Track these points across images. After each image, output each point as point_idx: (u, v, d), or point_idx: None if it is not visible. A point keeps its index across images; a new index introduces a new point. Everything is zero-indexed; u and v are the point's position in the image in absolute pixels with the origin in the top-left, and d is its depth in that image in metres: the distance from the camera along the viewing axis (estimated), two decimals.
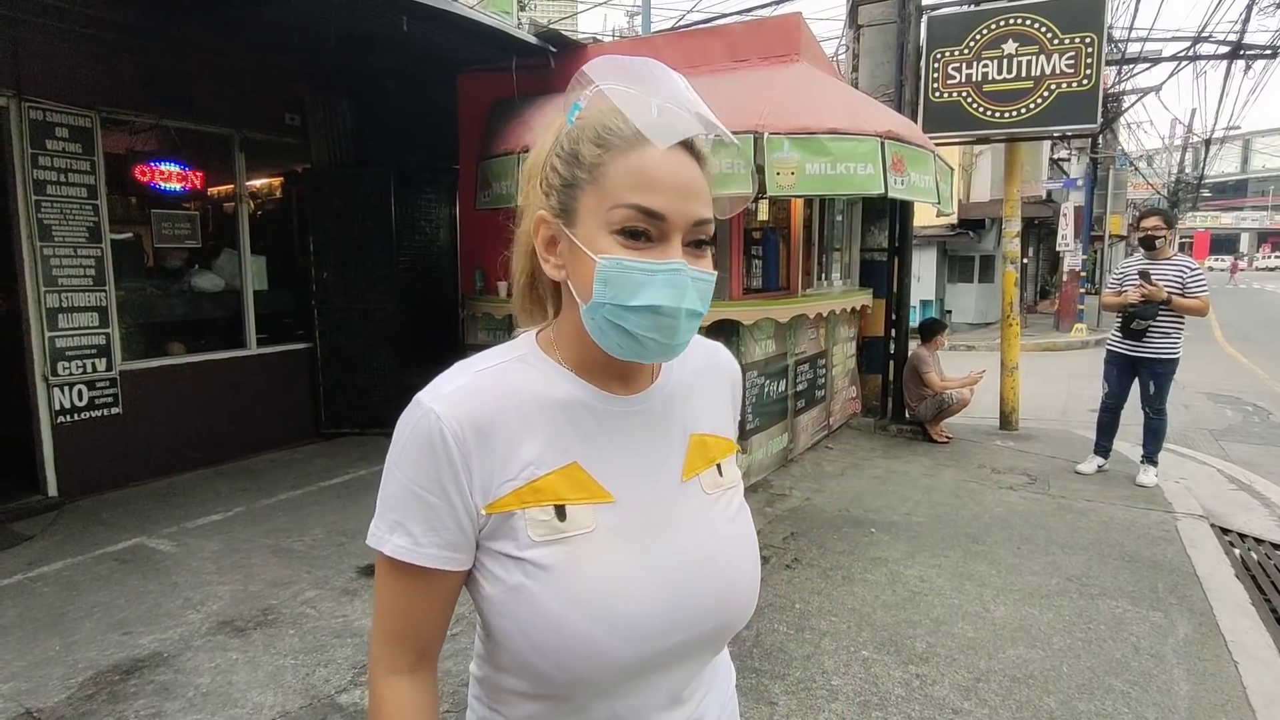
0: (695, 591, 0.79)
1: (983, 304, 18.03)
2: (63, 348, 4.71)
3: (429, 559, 0.75)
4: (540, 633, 0.74)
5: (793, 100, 4.56)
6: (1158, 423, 5.14)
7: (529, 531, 0.75)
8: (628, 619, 0.75)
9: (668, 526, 0.80)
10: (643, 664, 0.77)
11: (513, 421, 0.77)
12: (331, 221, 6.21)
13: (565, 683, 0.76)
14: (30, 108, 4.52)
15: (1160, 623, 3.25)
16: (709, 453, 0.88)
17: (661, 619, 0.77)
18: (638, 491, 0.80)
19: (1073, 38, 5.87)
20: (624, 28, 17.00)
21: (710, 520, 0.84)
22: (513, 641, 0.76)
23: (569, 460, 0.78)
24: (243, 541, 4.11)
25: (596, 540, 0.76)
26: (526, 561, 0.75)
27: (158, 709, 2.60)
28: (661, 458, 0.83)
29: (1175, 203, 28.28)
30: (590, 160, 0.75)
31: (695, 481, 0.85)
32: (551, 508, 0.76)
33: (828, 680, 2.80)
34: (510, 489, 0.76)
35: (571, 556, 0.75)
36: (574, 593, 0.74)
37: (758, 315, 5.05)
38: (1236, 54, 11.28)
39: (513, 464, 0.76)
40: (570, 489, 0.77)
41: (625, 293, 0.73)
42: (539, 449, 0.77)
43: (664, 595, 0.77)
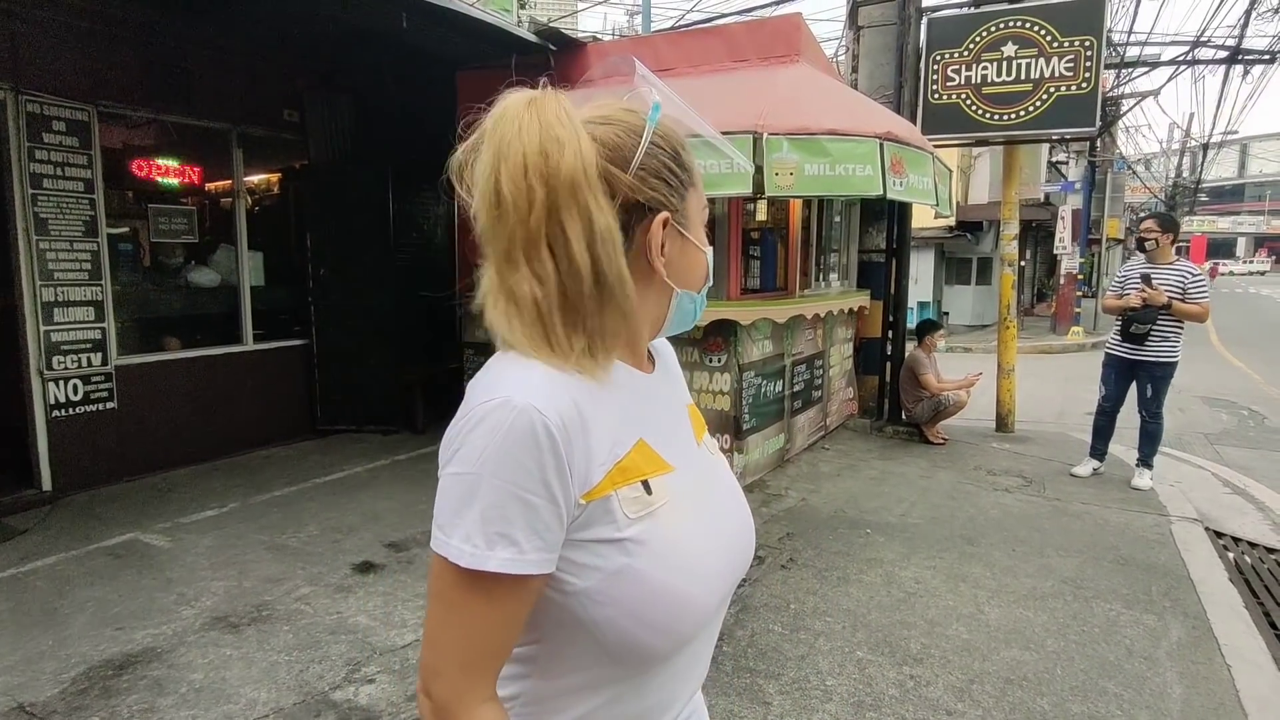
0: (737, 539, 0.89)
1: (980, 306, 18.06)
2: (58, 342, 4.70)
3: (534, 565, 0.71)
4: (650, 607, 0.76)
5: (792, 101, 4.56)
6: (1154, 426, 5.15)
7: (624, 510, 0.76)
8: (713, 576, 0.83)
9: (707, 486, 0.89)
10: (714, 614, 0.86)
11: (593, 407, 0.76)
12: (329, 218, 6.20)
13: (666, 650, 0.79)
14: (27, 101, 4.51)
15: (1154, 626, 3.26)
16: (699, 419, 0.97)
17: (729, 568, 0.86)
18: (683, 459, 0.86)
19: (1072, 41, 5.88)
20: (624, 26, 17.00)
21: (724, 477, 0.94)
22: (616, 627, 0.75)
23: (638, 436, 0.81)
24: (237, 537, 4.10)
25: (675, 508, 0.80)
26: (627, 540, 0.75)
27: (151, 704, 2.59)
28: (679, 426, 0.91)
29: (1173, 207, 28.34)
30: (689, 164, 0.84)
31: (704, 445, 0.93)
32: (639, 484, 0.78)
33: (822, 680, 2.80)
34: (603, 473, 0.75)
35: (663, 527, 0.78)
36: (673, 560, 0.78)
37: (755, 315, 5.05)
38: (1235, 59, 11.31)
39: (601, 448, 0.76)
40: (647, 464, 0.80)
41: (704, 275, 0.89)
42: (615, 429, 0.78)
43: (725, 545, 0.86)
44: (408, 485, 5.00)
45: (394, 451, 5.88)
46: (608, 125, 0.79)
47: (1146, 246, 5.14)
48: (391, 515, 4.43)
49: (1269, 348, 14.62)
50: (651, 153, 0.78)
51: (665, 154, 0.80)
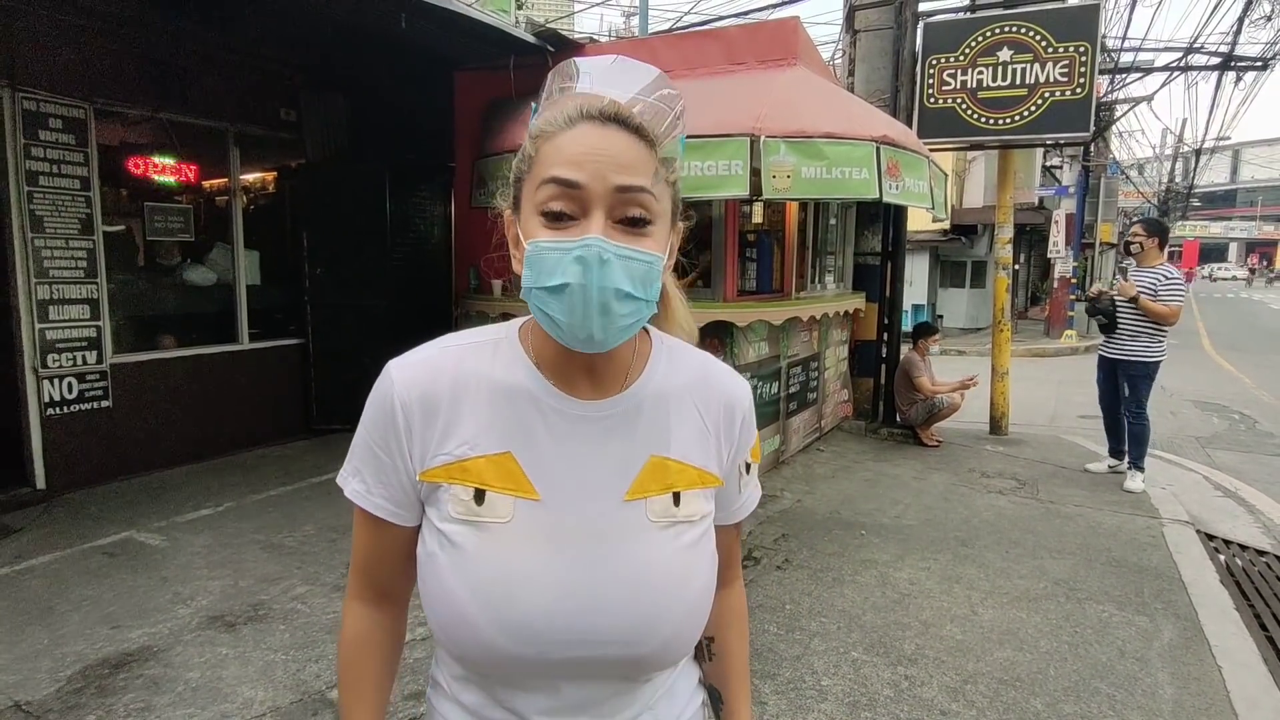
0: (604, 614, 0.76)
1: (974, 309, 18.14)
2: (53, 340, 4.69)
3: (377, 509, 0.83)
4: (436, 602, 0.78)
5: (789, 104, 4.58)
6: (1135, 427, 5.25)
7: (449, 507, 0.78)
8: (517, 616, 0.74)
9: (593, 541, 0.77)
10: (543, 668, 0.76)
11: (460, 400, 0.80)
12: (325, 217, 6.20)
13: (455, 656, 0.81)
14: (23, 98, 4.49)
15: (1146, 627, 3.28)
16: (667, 478, 0.81)
17: (558, 630, 0.75)
18: (569, 497, 0.78)
19: (1066, 46, 5.92)
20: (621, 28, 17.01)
21: (645, 548, 0.78)
22: (425, 602, 0.81)
23: (503, 449, 0.78)
24: (233, 536, 4.10)
25: (509, 532, 0.76)
26: (442, 534, 0.78)
27: (147, 703, 2.59)
28: (607, 470, 0.79)
29: (1165, 211, 28.48)
30: (529, 152, 0.77)
31: (640, 504, 0.79)
32: (472, 489, 0.78)
33: (817, 681, 2.82)
34: (441, 462, 0.79)
35: (478, 540, 0.76)
36: (470, 575, 0.76)
37: (751, 317, 5.07)
38: (1227, 65, 11.39)
39: (450, 440, 0.79)
40: (497, 476, 0.78)
41: (544, 274, 0.72)
42: (477, 431, 0.79)
43: (565, 608, 0.75)
44: None
45: None
46: None
47: (1132, 250, 5.34)
48: None
49: (1260, 352, 14.71)
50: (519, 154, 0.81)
51: (520, 153, 0.79)
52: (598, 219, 0.71)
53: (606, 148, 0.72)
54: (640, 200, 0.73)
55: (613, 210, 0.72)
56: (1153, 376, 5.20)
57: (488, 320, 5.84)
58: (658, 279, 0.76)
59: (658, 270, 0.75)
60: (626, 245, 0.72)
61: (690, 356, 0.89)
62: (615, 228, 0.72)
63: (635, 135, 0.74)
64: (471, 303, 6.01)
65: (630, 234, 0.73)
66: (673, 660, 0.83)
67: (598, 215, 0.71)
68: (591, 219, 0.71)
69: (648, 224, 0.74)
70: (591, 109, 0.74)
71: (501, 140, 5.27)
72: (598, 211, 0.71)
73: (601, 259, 0.70)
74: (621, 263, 0.71)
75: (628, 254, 0.72)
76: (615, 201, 0.72)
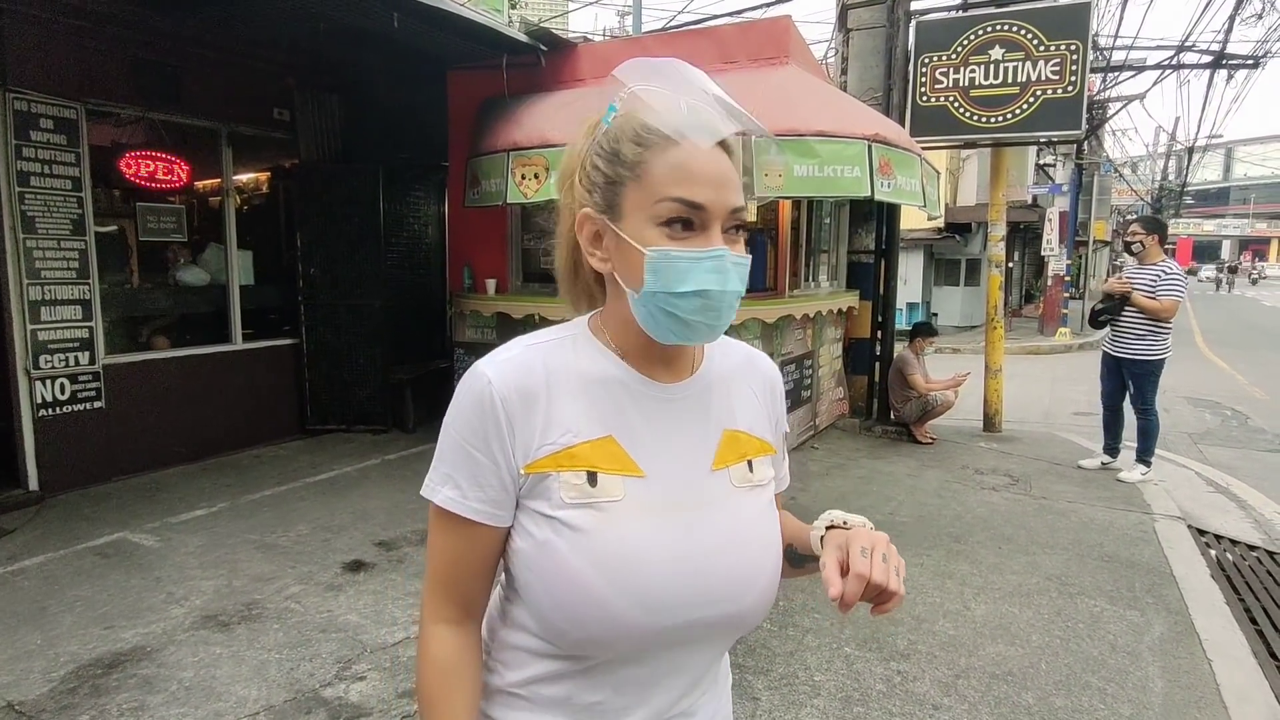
0: (714, 575, 0.83)
1: (968, 307, 18.17)
2: (45, 341, 4.67)
3: (474, 512, 0.83)
4: (561, 589, 0.80)
5: (782, 102, 4.59)
6: (1143, 423, 5.30)
7: (561, 493, 0.81)
8: (644, 586, 0.79)
9: (694, 509, 0.85)
10: (659, 636, 0.82)
11: (555, 392, 0.84)
12: (319, 217, 6.19)
13: (579, 640, 0.81)
14: (14, 98, 4.48)
15: (1137, 621, 3.30)
16: (741, 448, 0.91)
17: (678, 594, 0.81)
18: (668, 471, 0.85)
19: (1058, 45, 5.95)
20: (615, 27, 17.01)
21: (735, 511, 0.87)
22: (534, 595, 0.82)
23: (605, 432, 0.83)
24: (227, 537, 4.09)
25: (624, 509, 0.81)
26: (557, 520, 0.81)
27: (140, 702, 2.59)
28: (694, 444, 0.88)
29: (1159, 210, 28.59)
30: (632, 159, 0.80)
31: (725, 473, 0.88)
32: (584, 473, 0.81)
33: (810, 676, 2.83)
34: (548, 452, 0.82)
35: (599, 520, 0.80)
36: (596, 554, 0.79)
37: (745, 315, 5.08)
38: (1219, 63, 11.44)
39: (552, 430, 0.83)
40: (604, 459, 0.82)
41: (674, 280, 0.79)
42: (577, 419, 0.83)
43: (683, 571, 0.81)
44: (398, 484, 5.00)
45: (384, 451, 5.87)
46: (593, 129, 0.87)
47: (1134, 249, 5.33)
48: (381, 514, 4.43)
49: (1252, 349, 14.79)
50: (594, 150, 0.84)
51: (601, 153, 0.83)
52: (717, 232, 0.80)
53: (723, 171, 0.81)
54: (743, 215, 0.83)
55: (724, 225, 0.81)
56: (1158, 373, 5.23)
57: (481, 318, 5.86)
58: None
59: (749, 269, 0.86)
60: (738, 254, 0.82)
61: (734, 344, 1.00)
62: (725, 236, 0.81)
63: (729, 154, 0.83)
64: (466, 301, 6.02)
65: (734, 241, 0.83)
66: (763, 616, 0.90)
67: (717, 229, 0.80)
68: (712, 232, 0.80)
69: (743, 232, 0.85)
70: (709, 130, 0.79)
71: (495, 139, 5.27)
72: (717, 226, 0.80)
73: (727, 268, 0.80)
74: (737, 270, 0.81)
75: (741, 262, 0.82)
76: (727, 220, 0.81)
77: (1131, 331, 5.21)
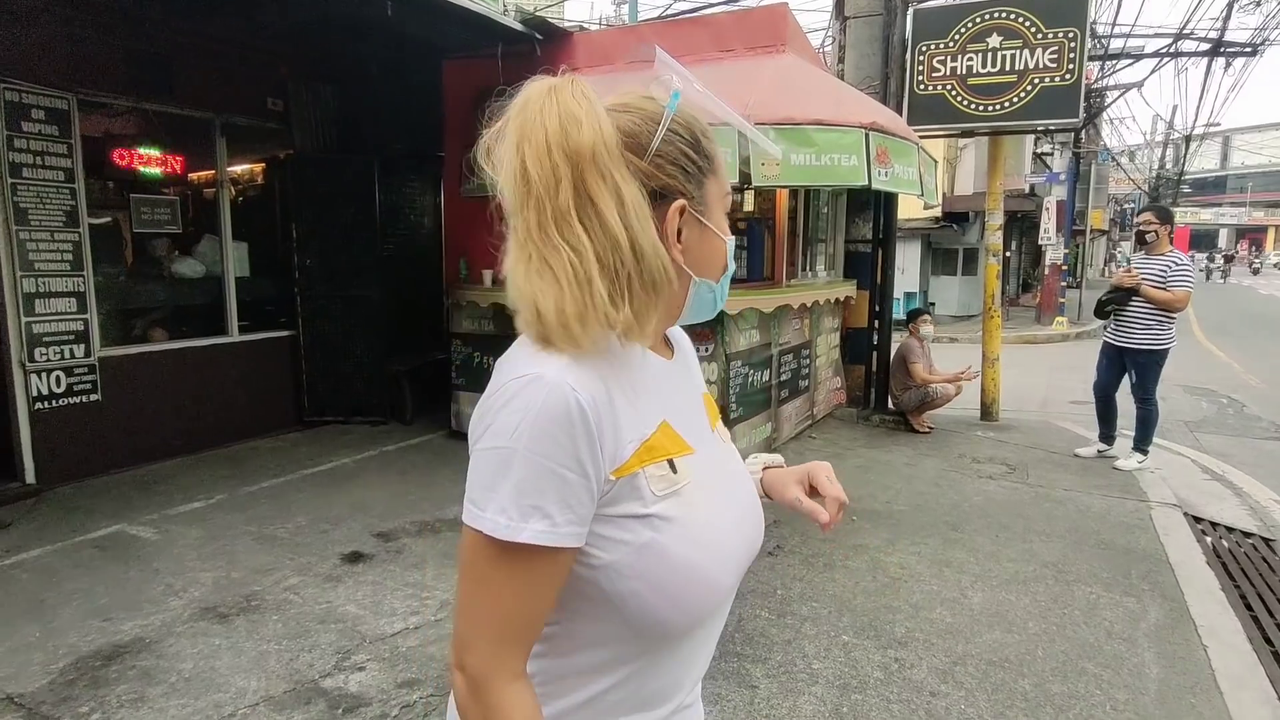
0: (748, 522, 0.91)
1: (965, 296, 18.17)
2: (40, 333, 4.65)
3: (566, 537, 0.73)
4: (677, 583, 0.78)
5: (778, 91, 4.57)
6: (1142, 411, 5.30)
7: (651, 487, 0.78)
8: (731, 554, 0.85)
9: (724, 469, 0.91)
10: (729, 593, 0.88)
11: (614, 390, 0.78)
12: (315, 208, 6.16)
13: (686, 625, 0.82)
14: (5, 88, 4.45)
15: (1133, 608, 3.32)
16: (713, 408, 0.99)
17: (745, 548, 0.89)
18: (702, 442, 0.89)
19: (1056, 32, 5.92)
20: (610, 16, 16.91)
21: (736, 462, 0.97)
22: (640, 601, 0.77)
23: (662, 418, 0.84)
24: (225, 528, 4.09)
25: (695, 487, 0.83)
26: (654, 516, 0.78)
27: (140, 694, 2.59)
28: (699, 411, 0.94)
29: (1156, 198, 28.58)
30: (710, 151, 0.84)
31: (717, 431, 0.96)
32: (665, 463, 0.81)
33: (808, 664, 2.84)
34: (631, 450, 0.77)
35: (687, 505, 0.81)
36: (697, 537, 0.81)
37: (742, 305, 5.07)
38: (1217, 51, 11.41)
39: (628, 427, 0.78)
40: (670, 444, 0.83)
41: (726, 262, 0.89)
42: (641, 410, 0.81)
43: (742, 527, 0.89)
44: (395, 476, 5.00)
45: (381, 443, 5.87)
46: (626, 113, 0.80)
47: (1147, 239, 5.29)
48: (379, 506, 4.43)
49: (1249, 337, 14.82)
50: (669, 139, 0.79)
51: (684, 140, 0.81)
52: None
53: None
54: None
55: None
56: (1161, 364, 5.23)
57: (479, 309, 5.84)
58: None
59: None
60: None
61: None
62: None
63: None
64: (462, 293, 6.00)
65: None
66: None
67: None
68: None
69: None
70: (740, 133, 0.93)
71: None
72: None
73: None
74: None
75: None
76: None
77: (1138, 321, 5.18)
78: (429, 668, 2.76)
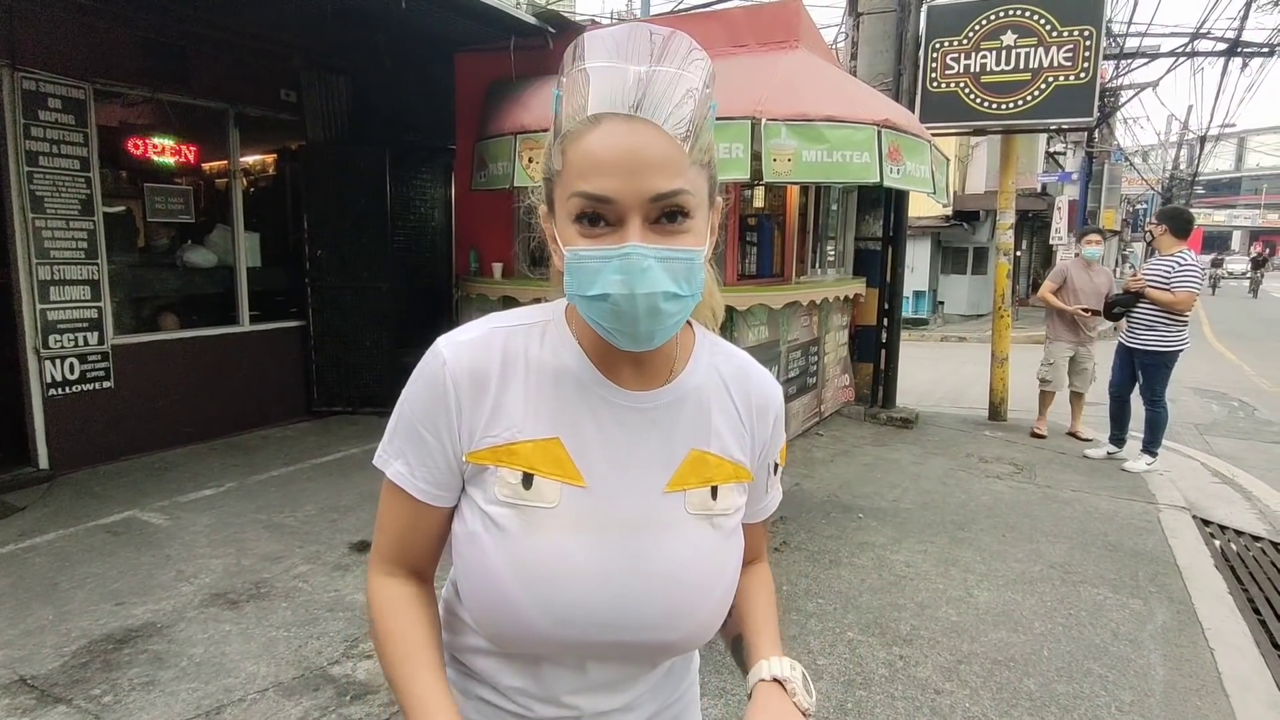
0: (644, 601, 0.77)
1: (975, 295, 18.10)
2: (54, 320, 4.69)
3: (420, 493, 0.80)
4: (477, 581, 0.78)
5: (791, 87, 4.55)
6: (1151, 414, 5.31)
7: (495, 489, 0.78)
8: (560, 600, 0.75)
9: (636, 530, 0.78)
10: (575, 649, 0.79)
11: (509, 381, 0.79)
12: (326, 199, 6.18)
13: (490, 634, 0.80)
14: (23, 77, 4.48)
15: (1139, 610, 3.31)
16: (706, 472, 0.82)
17: (597, 613, 0.76)
18: (614, 485, 0.79)
19: (1071, 30, 5.89)
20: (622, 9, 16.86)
21: (683, 539, 0.80)
22: (459, 575, 0.82)
23: (552, 434, 0.78)
24: (235, 516, 4.13)
25: (555, 517, 0.76)
26: (487, 515, 0.78)
27: (151, 677, 2.63)
28: (651, 461, 0.80)
29: (1169, 199, 28.37)
30: (556, 150, 0.72)
31: (680, 496, 0.80)
32: (520, 473, 0.77)
33: (813, 660, 2.85)
34: (489, 444, 0.78)
35: (525, 524, 0.76)
36: (515, 558, 0.76)
37: (751, 301, 5.07)
38: (1234, 51, 11.31)
39: (498, 422, 0.78)
40: (544, 461, 0.77)
41: (585, 283, 0.70)
42: (525, 414, 0.78)
43: (606, 592, 0.76)
44: None
45: None
46: None
47: (1150, 243, 5.41)
48: None
49: (1261, 340, 14.70)
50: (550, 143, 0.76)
51: (546, 150, 0.76)
52: (635, 226, 0.68)
53: (636, 149, 0.67)
54: (676, 202, 0.69)
55: (649, 214, 0.69)
56: (1169, 366, 5.22)
57: (488, 302, 5.86)
58: (700, 271, 0.73)
59: (699, 263, 0.72)
60: (666, 247, 0.69)
61: (732, 354, 0.89)
62: (652, 230, 0.69)
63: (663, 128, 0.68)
64: (472, 285, 6.01)
65: (669, 233, 0.70)
66: (697, 645, 0.85)
67: (634, 222, 0.68)
68: (629, 226, 0.68)
69: (686, 218, 0.70)
70: (615, 103, 0.67)
71: (502, 122, 5.25)
72: (634, 218, 0.68)
73: (642, 267, 0.67)
74: (663, 264, 0.68)
75: (668, 255, 0.69)
76: (650, 209, 0.68)
77: (1142, 322, 5.24)
78: None
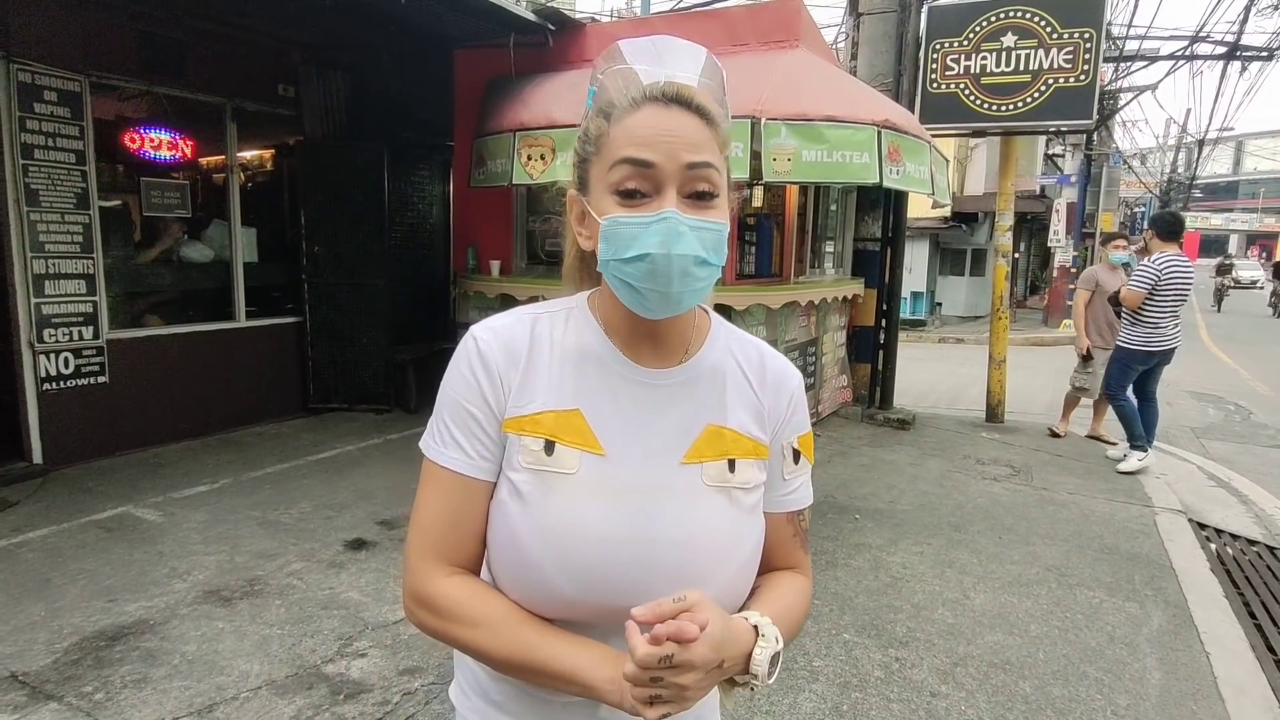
0: (658, 567, 0.80)
1: (973, 297, 18.11)
2: (49, 315, 4.67)
3: (480, 470, 0.84)
4: (504, 547, 0.82)
5: (791, 86, 4.55)
6: (1114, 408, 5.53)
7: (519, 457, 0.83)
8: (579, 564, 0.79)
9: (652, 498, 0.82)
10: (598, 614, 0.81)
11: (536, 358, 0.86)
12: (323, 195, 6.16)
13: (520, 600, 0.83)
14: (18, 69, 4.45)
15: (1135, 613, 3.31)
16: (723, 445, 0.87)
17: (616, 577, 0.80)
18: (631, 455, 0.84)
19: (1071, 33, 5.88)
20: (622, 8, 16.84)
21: (700, 509, 0.83)
22: (491, 548, 0.85)
23: (573, 405, 0.84)
24: (229, 513, 4.11)
25: (574, 483, 0.81)
26: (511, 483, 0.83)
27: (143, 675, 2.61)
28: (667, 433, 0.85)
29: (1167, 203, 28.41)
30: (595, 133, 0.82)
31: (697, 468, 0.85)
32: (543, 440, 0.82)
33: (809, 661, 2.84)
34: (516, 414, 0.84)
35: (546, 490, 0.81)
36: (537, 523, 0.80)
37: (750, 301, 5.06)
38: (1233, 55, 11.32)
39: (524, 394, 0.84)
40: (565, 430, 0.83)
41: (622, 246, 0.78)
42: (548, 389, 0.85)
43: (624, 555, 0.80)
44: (400, 464, 5.01)
45: (386, 430, 5.88)
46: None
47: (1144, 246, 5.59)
48: (383, 493, 4.44)
49: (1258, 344, 14.74)
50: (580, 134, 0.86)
51: (582, 135, 0.85)
52: (670, 195, 0.77)
53: (674, 128, 0.78)
54: (707, 175, 0.79)
55: (682, 186, 0.78)
56: (1126, 362, 5.39)
57: (485, 299, 5.84)
58: (726, 245, 0.82)
59: (725, 237, 0.81)
60: (699, 217, 0.78)
61: (747, 339, 0.96)
62: (685, 202, 0.78)
63: (697, 115, 0.80)
64: (469, 282, 6.00)
65: (699, 206, 0.79)
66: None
67: (670, 191, 0.78)
68: (665, 195, 0.77)
69: (714, 196, 0.80)
70: (655, 91, 0.80)
71: (501, 119, 5.23)
72: (670, 188, 0.78)
73: (678, 231, 0.76)
74: (695, 233, 0.78)
75: (700, 224, 0.78)
76: (685, 178, 0.78)
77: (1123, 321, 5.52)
78: (430, 655, 2.77)
